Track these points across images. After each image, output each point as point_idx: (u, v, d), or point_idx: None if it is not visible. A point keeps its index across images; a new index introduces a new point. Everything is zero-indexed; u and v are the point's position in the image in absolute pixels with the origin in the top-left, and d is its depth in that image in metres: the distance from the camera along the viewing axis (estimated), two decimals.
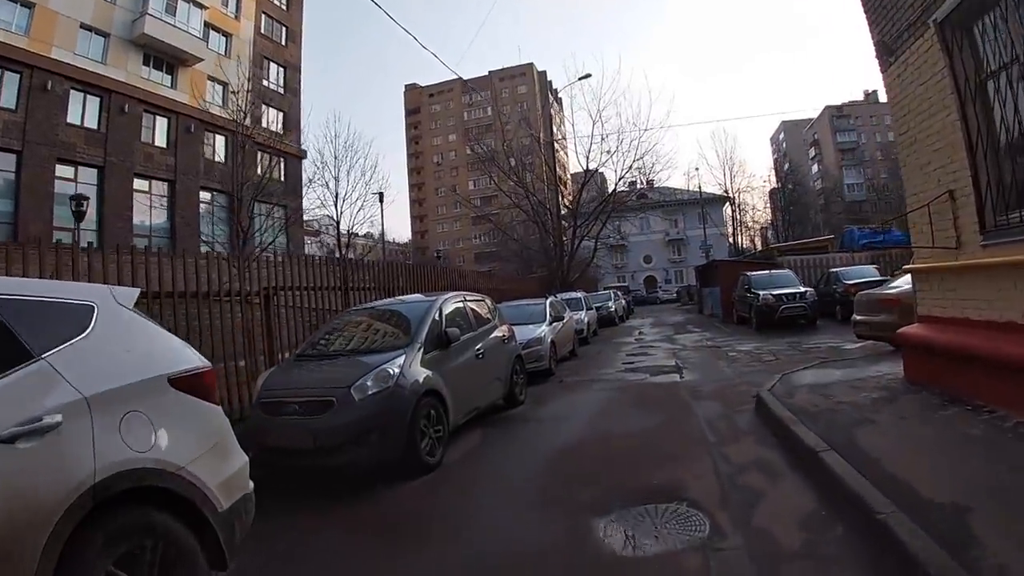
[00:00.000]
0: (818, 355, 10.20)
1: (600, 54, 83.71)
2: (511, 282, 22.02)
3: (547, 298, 13.02)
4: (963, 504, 3.10)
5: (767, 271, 17.49)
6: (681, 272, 59.46)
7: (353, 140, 32.21)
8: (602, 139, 24.15)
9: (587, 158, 24.23)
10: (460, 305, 7.09)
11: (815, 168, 68.94)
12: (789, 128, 74.44)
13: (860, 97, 68.31)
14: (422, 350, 5.67)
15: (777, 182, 56.38)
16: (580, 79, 24.38)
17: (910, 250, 18.86)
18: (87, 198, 17.43)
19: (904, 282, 9.14)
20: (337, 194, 18.78)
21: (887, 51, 6.48)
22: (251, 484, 3.33)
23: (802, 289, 15.22)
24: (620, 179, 24.28)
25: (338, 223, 17.99)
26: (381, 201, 17.62)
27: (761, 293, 15.18)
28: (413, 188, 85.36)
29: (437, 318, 6.22)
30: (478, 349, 6.78)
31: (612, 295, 26.00)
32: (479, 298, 7.96)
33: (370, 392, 4.97)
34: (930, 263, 5.98)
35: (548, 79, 70.42)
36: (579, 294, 18.73)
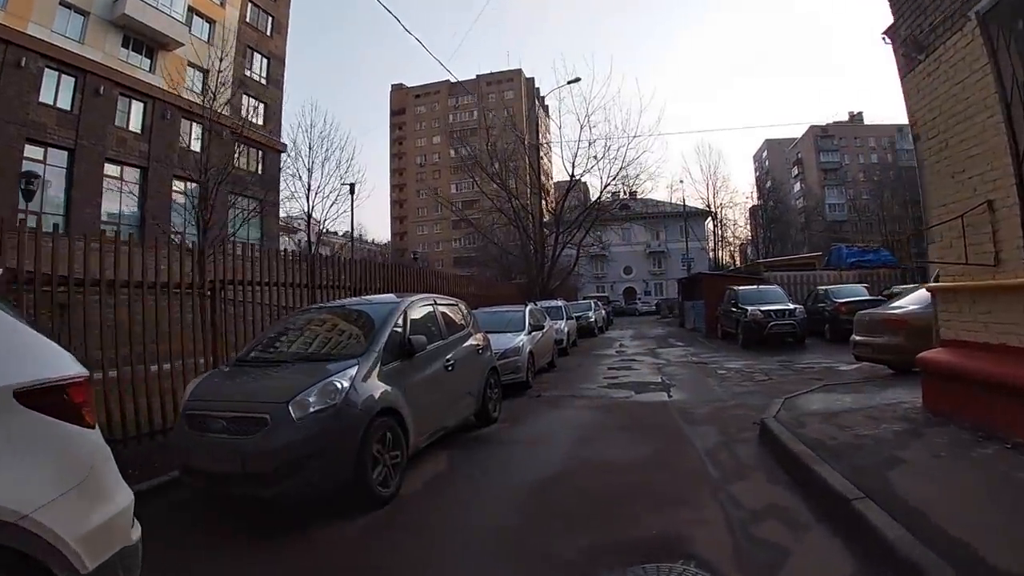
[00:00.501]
0: (813, 376, 9.61)
1: (591, 56, 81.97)
2: (492, 287, 21.25)
3: (527, 305, 12.24)
4: None
5: (755, 286, 16.96)
6: (661, 284, 59.30)
7: (330, 131, 30.95)
8: (589, 144, 23.51)
9: (572, 163, 23.59)
10: (430, 309, 6.25)
11: (797, 187, 69.52)
12: (772, 147, 75.11)
13: (845, 118, 69.14)
14: (380, 360, 4.83)
15: (759, 199, 56.64)
16: (569, 83, 23.76)
17: (898, 270, 18.55)
18: (37, 176, 16.22)
19: (913, 302, 8.59)
20: (309, 186, 17.75)
21: (917, 47, 5.86)
22: (137, 531, 2.51)
23: (791, 306, 14.68)
24: (606, 187, 23.69)
25: (309, 215, 16.98)
26: (352, 193, 16.64)
27: (749, 309, 14.60)
28: (395, 189, 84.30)
29: (400, 324, 5.38)
30: (448, 360, 5.96)
31: (592, 305, 25.35)
32: (452, 302, 7.12)
33: (312, 409, 4.12)
34: (960, 282, 5.33)
35: (536, 86, 70.08)
36: (559, 303, 18.02)
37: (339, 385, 4.36)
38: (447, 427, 5.85)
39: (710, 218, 56.23)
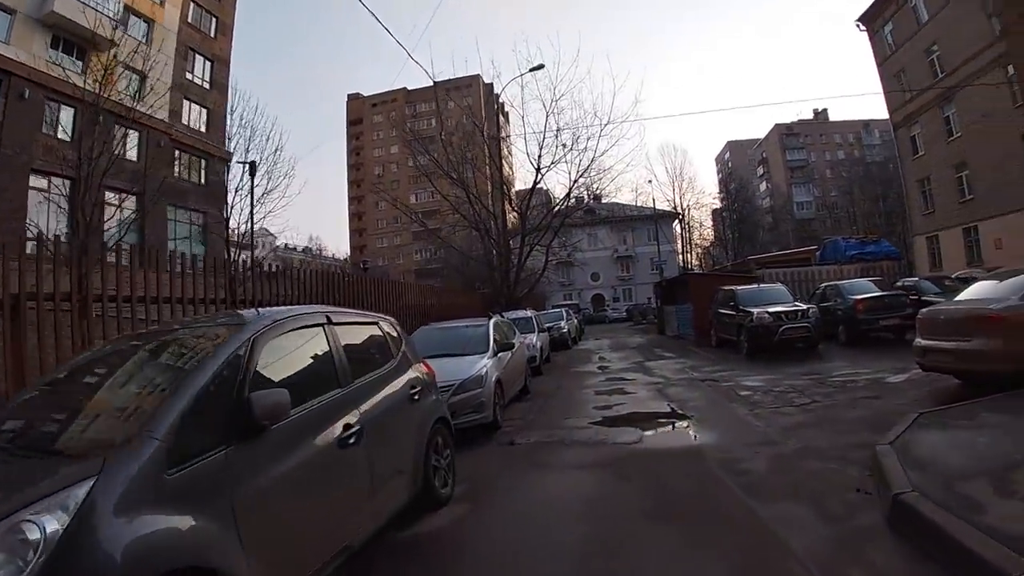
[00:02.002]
0: (863, 394, 7.44)
1: (556, 34, 74.74)
2: (450, 297, 18.62)
3: (491, 319, 9.66)
4: None
5: (755, 285, 14.78)
6: (630, 290, 57.42)
7: (271, 131, 27.63)
8: (557, 133, 20.96)
9: (539, 154, 21.04)
10: (313, 336, 3.51)
11: (763, 186, 69.06)
12: (735, 148, 74.66)
13: (810, 116, 69.10)
14: (165, 460, 2.20)
15: (723, 201, 55.54)
16: (532, 70, 21.25)
17: (902, 261, 16.66)
18: None
19: (1000, 293, 6.41)
20: (227, 187, 14.80)
21: None
22: None
23: (803, 306, 12.47)
24: (576, 180, 21.13)
25: (227, 218, 14.09)
26: (252, 174, 13.66)
27: (755, 311, 12.32)
28: (353, 201, 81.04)
29: (226, 377, 2.64)
30: (349, 427, 3.31)
31: (564, 314, 22.94)
32: (366, 320, 4.42)
33: None
34: None
35: (496, 92, 67.88)
36: (528, 313, 15.48)
37: (35, 535, 1.75)
38: (351, 546, 3.21)
39: (677, 220, 54.82)
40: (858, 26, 27.92)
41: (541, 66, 20.88)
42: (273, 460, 2.67)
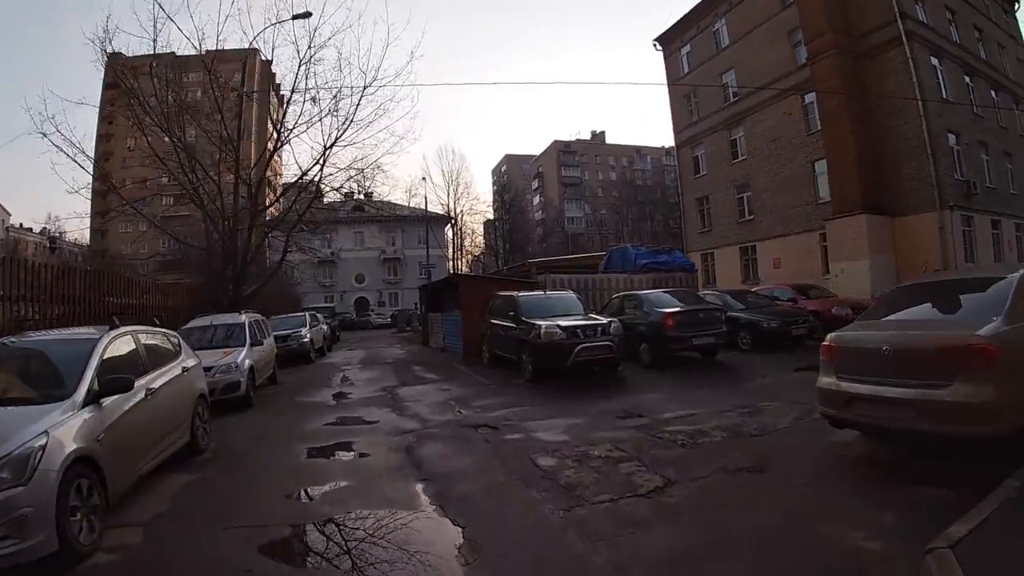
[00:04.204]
0: (734, 461, 4.73)
1: None
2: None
3: (103, 335, 4.92)
4: None
5: (540, 292, 12.04)
6: (397, 294, 53.58)
7: None
8: (315, 93, 16.12)
9: (281, 111, 16.01)
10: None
11: (537, 199, 71.17)
12: (512, 161, 76.04)
13: (587, 136, 73.06)
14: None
15: (499, 211, 55.36)
16: (295, 18, 16.20)
17: (694, 274, 15.64)
18: None
19: (975, 310, 4.15)
20: None
21: None
22: None
23: (601, 319, 9.97)
24: (327, 150, 16.41)
25: None
26: None
27: (542, 324, 9.46)
28: (99, 178, 63.55)
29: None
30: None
31: (309, 319, 18.21)
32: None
33: None
34: None
35: (273, 71, 58.47)
36: (242, 319, 10.73)
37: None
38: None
39: (450, 225, 52.80)
40: (655, 46, 28.20)
41: (308, 13, 15.98)
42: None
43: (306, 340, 16.62)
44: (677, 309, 10.41)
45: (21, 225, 51.58)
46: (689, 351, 10.62)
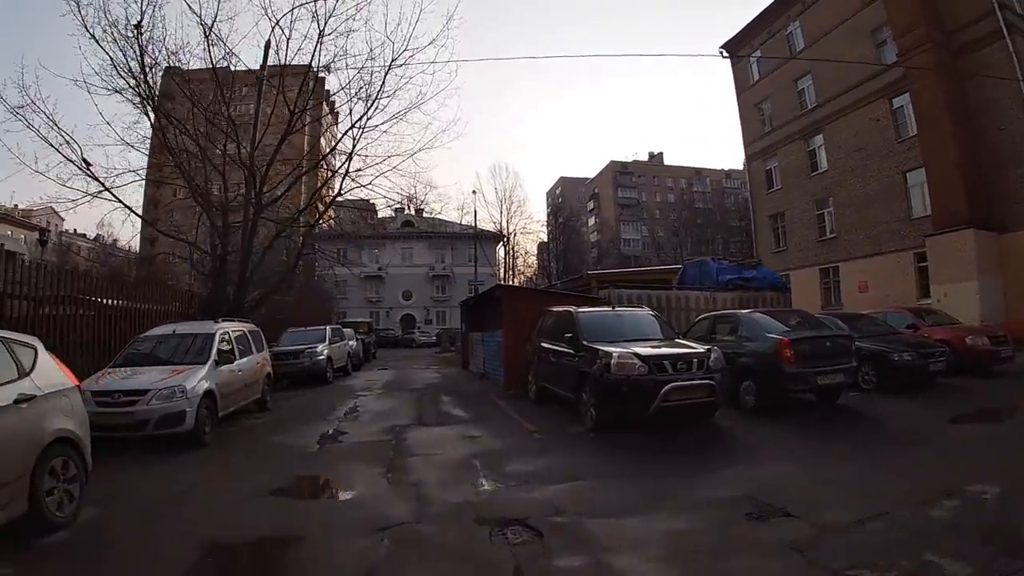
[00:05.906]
0: None
1: None
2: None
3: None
4: None
5: (606, 308, 9.12)
6: (445, 312, 51.37)
7: None
8: (329, 65, 13.83)
9: (299, 94, 13.86)
10: None
11: (592, 220, 68.70)
12: (567, 183, 73.81)
13: (644, 158, 70.14)
14: None
15: (553, 230, 53.09)
16: None
17: (787, 294, 12.37)
18: None
19: None
20: None
21: None
22: None
23: (698, 347, 6.97)
24: (372, 106, 13.86)
25: None
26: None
27: (613, 352, 6.56)
28: (151, 184, 65.05)
29: None
30: None
31: (329, 333, 15.78)
32: None
33: None
34: None
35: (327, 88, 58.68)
36: (214, 328, 8.25)
37: None
38: None
39: (502, 243, 50.47)
40: (721, 53, 25.70)
41: None
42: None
43: (321, 357, 14.17)
44: (800, 336, 7.30)
45: (75, 231, 52.06)
46: (807, 393, 7.55)
